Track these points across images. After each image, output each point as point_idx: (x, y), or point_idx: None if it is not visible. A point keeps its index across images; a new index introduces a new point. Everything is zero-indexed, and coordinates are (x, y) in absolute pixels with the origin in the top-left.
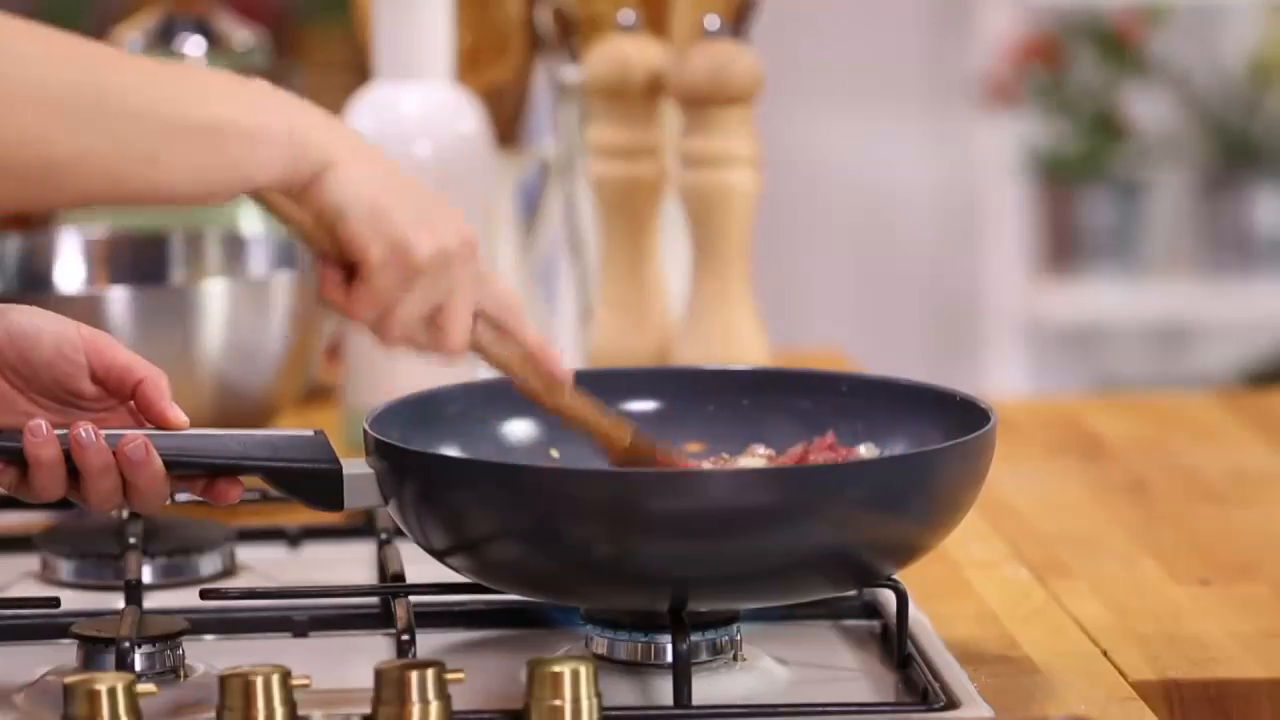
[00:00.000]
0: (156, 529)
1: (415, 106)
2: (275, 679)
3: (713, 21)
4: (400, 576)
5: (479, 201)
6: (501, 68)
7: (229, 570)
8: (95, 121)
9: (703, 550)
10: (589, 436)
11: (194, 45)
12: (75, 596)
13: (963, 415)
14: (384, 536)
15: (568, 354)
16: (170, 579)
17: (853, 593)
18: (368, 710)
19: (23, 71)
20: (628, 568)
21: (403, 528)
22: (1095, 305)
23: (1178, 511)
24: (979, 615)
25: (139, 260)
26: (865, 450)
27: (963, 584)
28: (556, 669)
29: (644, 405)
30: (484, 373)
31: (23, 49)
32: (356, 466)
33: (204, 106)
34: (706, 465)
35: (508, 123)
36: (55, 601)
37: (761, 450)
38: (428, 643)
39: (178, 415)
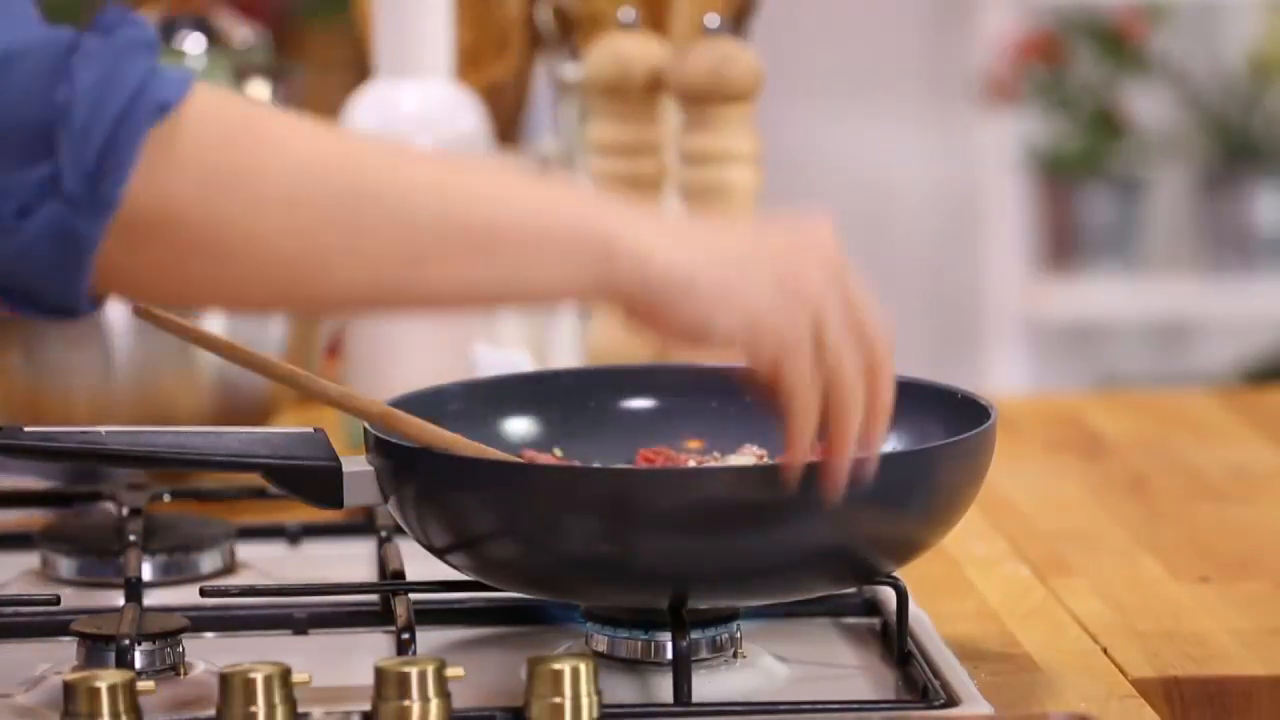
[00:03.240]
0: (156, 526)
1: (415, 104)
2: (275, 676)
3: (713, 19)
4: (400, 574)
5: None
6: (502, 65)
7: (229, 568)
8: (359, 219)
9: (703, 547)
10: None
11: (194, 43)
12: (75, 594)
13: (963, 412)
14: (384, 534)
15: (568, 352)
16: (170, 576)
17: (853, 590)
18: (368, 708)
19: (286, 158)
20: (628, 565)
21: (403, 525)
22: (1095, 303)
23: (1178, 509)
24: (979, 613)
25: None
26: None
27: (963, 581)
28: (556, 666)
29: (644, 403)
30: (484, 370)
31: (288, 142)
32: (356, 464)
33: (475, 209)
34: (693, 464)
35: (508, 120)
36: (55, 599)
37: (753, 450)
38: (428, 640)
39: None
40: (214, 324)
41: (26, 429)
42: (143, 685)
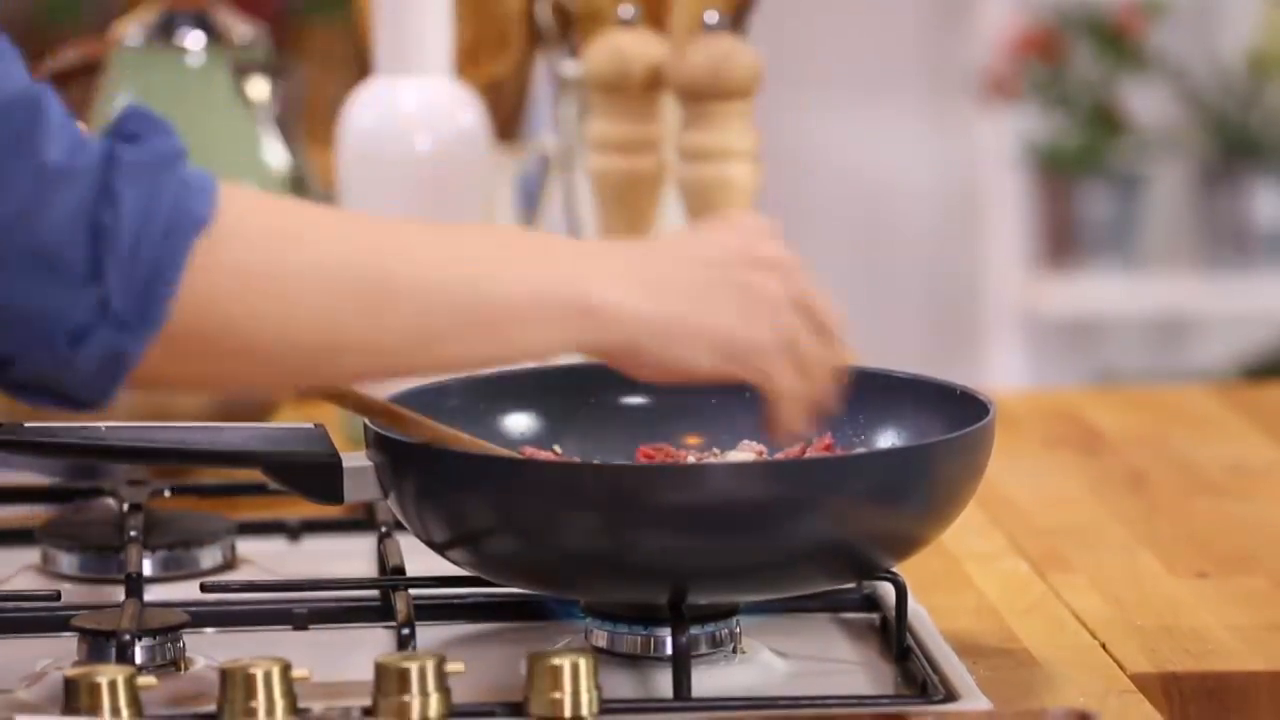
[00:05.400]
0: (157, 522)
1: (415, 101)
2: (275, 672)
3: (712, 16)
4: (400, 569)
5: (478, 196)
6: (501, 62)
7: (229, 563)
8: (380, 307)
9: (702, 543)
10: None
11: (194, 40)
12: (76, 589)
13: (962, 408)
14: (384, 529)
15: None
16: (171, 572)
17: (852, 585)
18: (368, 703)
19: (312, 255)
20: (627, 561)
21: (403, 521)
22: (1094, 298)
23: (1176, 504)
24: (978, 608)
25: None
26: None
27: (962, 577)
28: (556, 662)
29: (644, 399)
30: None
31: (316, 239)
32: (356, 460)
33: (479, 289)
34: (692, 459)
35: (507, 117)
36: (56, 594)
37: (752, 445)
38: (428, 636)
39: None
40: None
41: (27, 425)
42: (143, 680)
